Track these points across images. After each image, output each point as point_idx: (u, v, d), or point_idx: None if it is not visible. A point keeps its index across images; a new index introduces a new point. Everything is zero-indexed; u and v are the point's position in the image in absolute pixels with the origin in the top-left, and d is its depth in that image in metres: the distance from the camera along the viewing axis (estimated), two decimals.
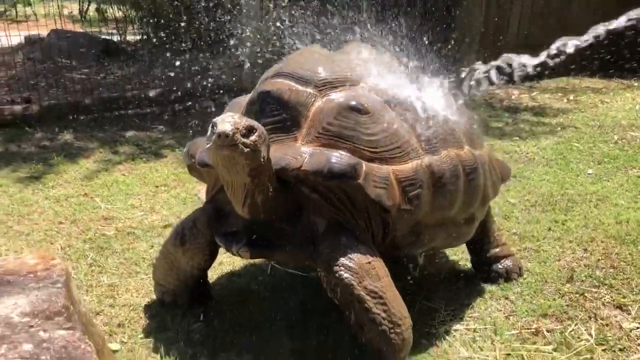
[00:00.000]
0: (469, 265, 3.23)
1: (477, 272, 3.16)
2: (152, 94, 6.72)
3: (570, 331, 2.60)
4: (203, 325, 2.71)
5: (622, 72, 8.11)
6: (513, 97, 7.60)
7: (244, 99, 2.63)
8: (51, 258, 1.75)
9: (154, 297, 2.96)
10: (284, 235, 2.38)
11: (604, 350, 2.46)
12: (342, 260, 2.20)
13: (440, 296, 2.94)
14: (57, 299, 1.51)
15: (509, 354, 2.46)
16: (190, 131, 6.17)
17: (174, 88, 6.89)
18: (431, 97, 2.62)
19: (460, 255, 3.34)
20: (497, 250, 3.11)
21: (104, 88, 7.33)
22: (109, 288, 3.11)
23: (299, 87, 2.42)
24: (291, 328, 2.63)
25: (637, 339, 2.51)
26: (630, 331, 2.58)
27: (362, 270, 2.20)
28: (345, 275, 2.18)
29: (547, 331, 2.62)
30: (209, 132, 2.02)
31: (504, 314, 2.79)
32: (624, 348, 2.46)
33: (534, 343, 2.54)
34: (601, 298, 2.85)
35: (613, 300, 2.83)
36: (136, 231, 3.86)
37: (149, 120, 6.59)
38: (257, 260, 3.18)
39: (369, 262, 2.23)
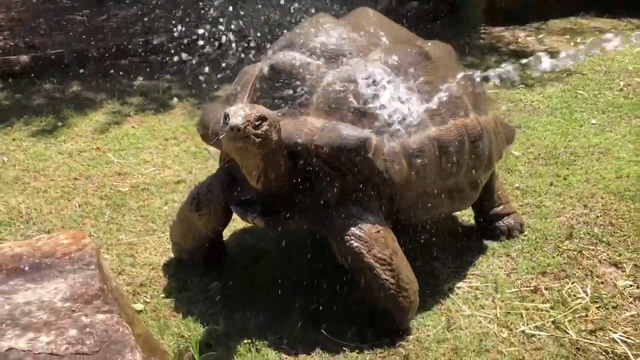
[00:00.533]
0: (473, 222, 3.36)
1: (480, 229, 3.29)
2: (156, 41, 6.69)
3: (567, 289, 2.75)
4: (220, 285, 2.88)
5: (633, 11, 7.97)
6: (519, 39, 7.53)
7: (254, 69, 2.68)
8: (82, 237, 1.87)
9: (171, 255, 3.12)
10: (296, 205, 2.50)
11: (598, 307, 2.62)
12: (353, 229, 2.32)
13: (445, 255, 3.08)
14: (93, 281, 1.64)
15: (509, 312, 2.62)
16: (199, 80, 6.20)
17: (180, 33, 6.85)
18: (438, 63, 2.67)
19: (464, 212, 3.46)
20: (500, 208, 3.23)
21: (107, 33, 7.29)
22: (128, 247, 3.26)
23: (309, 60, 2.48)
24: (302, 286, 2.78)
25: (630, 296, 2.67)
26: (624, 289, 2.73)
27: (372, 239, 2.32)
28: (356, 244, 2.31)
29: (546, 289, 2.77)
30: (221, 122, 2.10)
31: (505, 271, 2.94)
32: (617, 306, 2.62)
33: (533, 301, 2.70)
34: (598, 256, 2.99)
35: (609, 258, 2.97)
36: (150, 187, 3.98)
37: (156, 68, 6.59)
38: None
39: (378, 231, 2.35)
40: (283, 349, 2.39)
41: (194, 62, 6.68)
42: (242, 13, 6.71)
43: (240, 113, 2.04)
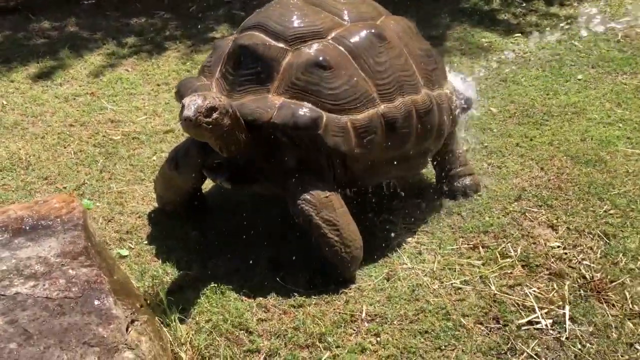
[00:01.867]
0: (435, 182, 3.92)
1: (440, 189, 3.86)
2: None
3: (502, 248, 3.34)
4: (198, 234, 3.51)
5: None
6: None
7: (227, 43, 3.20)
8: (71, 201, 2.48)
9: (156, 205, 3.75)
10: (261, 169, 3.09)
11: (523, 266, 3.21)
12: (304, 195, 2.91)
13: (401, 212, 3.66)
14: (79, 240, 2.25)
15: (445, 267, 3.23)
16: (194, 19, 6.66)
17: None
18: (394, 43, 3.16)
19: (429, 173, 4.02)
20: (458, 170, 3.78)
21: None
22: (118, 195, 3.89)
23: (272, 41, 2.99)
24: (270, 237, 3.41)
25: (553, 257, 3.25)
26: (552, 249, 3.32)
27: (320, 203, 2.92)
28: (306, 207, 2.91)
29: (483, 247, 3.37)
30: (180, 108, 2.65)
31: (452, 229, 3.54)
32: (540, 265, 3.21)
33: (469, 258, 3.30)
34: (538, 218, 3.56)
35: (548, 220, 3.54)
36: (140, 136, 4.58)
37: (150, 4, 7.04)
38: None
39: (327, 197, 2.95)
40: (244, 292, 3.03)
41: None
42: None
43: (192, 106, 2.59)
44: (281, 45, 2.99)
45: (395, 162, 3.21)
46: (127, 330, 2.11)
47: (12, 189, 3.96)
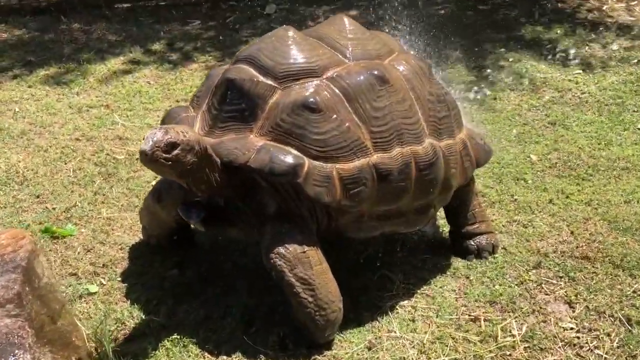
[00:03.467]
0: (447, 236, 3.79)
1: (452, 245, 3.72)
2: None
3: (506, 324, 3.18)
4: (177, 273, 3.51)
5: None
6: (606, 6, 7.49)
7: (219, 73, 3.18)
8: (21, 237, 2.51)
9: (142, 237, 3.76)
10: (239, 212, 3.05)
11: (525, 347, 3.04)
12: (279, 248, 2.85)
13: (404, 268, 3.55)
14: (14, 285, 2.27)
15: (437, 339, 3.10)
16: (230, 30, 6.73)
17: None
18: (397, 86, 3.06)
19: (442, 221, 3.89)
20: (473, 227, 3.64)
21: None
22: (106, 222, 3.94)
23: (260, 77, 2.95)
24: (252, 285, 3.36)
25: (562, 340, 3.07)
26: (563, 331, 3.13)
27: (295, 259, 2.85)
28: (279, 262, 2.84)
29: (485, 320, 3.21)
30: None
31: (456, 294, 3.40)
32: (545, 348, 3.03)
33: (467, 331, 3.15)
34: (556, 292, 3.38)
35: (566, 295, 3.35)
36: None
37: (186, 12, 7.17)
38: None
39: (304, 252, 2.87)
40: (208, 348, 2.99)
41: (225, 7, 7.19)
42: None
43: (150, 140, 2.57)
44: (270, 82, 2.95)
45: (389, 217, 3.11)
46: None
47: (1, 206, 4.07)
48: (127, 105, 5.39)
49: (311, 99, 2.88)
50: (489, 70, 5.99)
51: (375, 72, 3.03)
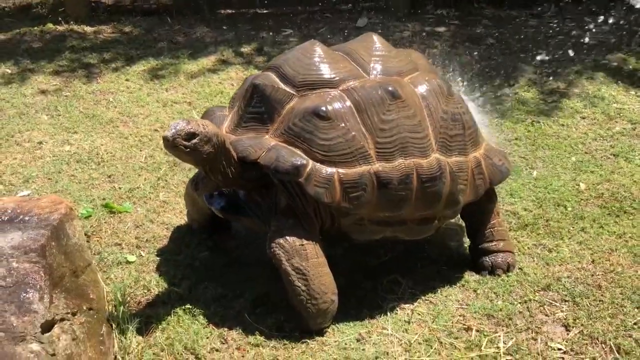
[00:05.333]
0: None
1: (472, 259, 3.95)
2: None
3: (496, 336, 3.38)
4: (208, 255, 3.98)
5: None
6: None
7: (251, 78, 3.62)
8: (59, 202, 3.06)
9: (187, 220, 4.28)
10: (254, 203, 3.47)
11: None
12: (280, 239, 3.24)
13: (415, 276, 3.82)
14: (41, 239, 2.80)
15: (424, 341, 3.36)
16: (319, 40, 7.19)
17: None
18: (409, 102, 3.37)
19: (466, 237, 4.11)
20: (490, 244, 3.85)
21: None
22: (160, 204, 4.49)
23: (281, 85, 3.37)
24: (269, 275, 3.74)
25: (546, 358, 3.23)
26: (550, 350, 3.29)
27: (293, 250, 3.23)
28: (278, 252, 3.23)
29: (477, 330, 3.43)
30: None
31: (458, 304, 3.63)
32: None
33: (456, 338, 3.38)
34: (556, 314, 3.52)
35: (564, 318, 3.49)
36: None
37: (281, 21, 7.72)
38: None
39: (302, 245, 3.25)
40: (214, 321, 3.42)
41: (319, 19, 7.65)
42: None
43: (173, 128, 3.04)
44: (288, 89, 3.35)
45: (390, 224, 3.41)
46: (49, 326, 2.61)
47: (77, 181, 4.73)
48: (208, 103, 5.96)
49: (322, 107, 3.24)
50: (561, 95, 6.06)
51: (389, 88, 3.34)
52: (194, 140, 3.06)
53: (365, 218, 3.37)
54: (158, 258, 3.93)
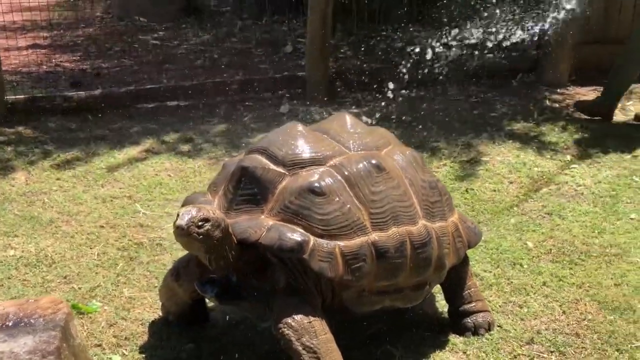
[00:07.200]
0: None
1: (451, 322, 4.06)
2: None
3: None
4: (193, 346, 3.86)
5: None
6: None
7: (233, 163, 3.66)
8: (59, 303, 2.92)
9: (161, 314, 4.14)
10: (251, 287, 3.44)
11: None
12: (287, 319, 3.23)
13: (406, 343, 3.88)
14: (54, 340, 2.65)
15: None
16: (242, 127, 7.31)
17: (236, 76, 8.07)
18: (393, 174, 3.52)
19: (442, 302, 4.24)
20: (470, 305, 3.99)
21: (176, 60, 8.82)
22: (127, 300, 4.33)
23: (271, 165, 3.43)
24: (263, 353, 3.70)
25: None
26: None
27: (302, 329, 3.22)
28: (287, 332, 3.21)
29: None
30: (175, 218, 3.09)
31: None
32: None
33: None
34: None
35: None
36: (164, 242, 5.07)
37: (205, 112, 7.81)
38: None
39: (310, 322, 3.25)
40: None
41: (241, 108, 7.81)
42: None
43: (185, 215, 3.03)
44: (279, 169, 3.42)
45: (388, 292, 3.49)
46: None
47: (31, 285, 4.48)
48: (149, 196, 5.86)
49: (316, 184, 3.33)
50: (487, 164, 6.48)
51: (373, 161, 3.49)
52: (207, 227, 3.06)
53: (365, 289, 3.43)
54: (142, 355, 3.77)
